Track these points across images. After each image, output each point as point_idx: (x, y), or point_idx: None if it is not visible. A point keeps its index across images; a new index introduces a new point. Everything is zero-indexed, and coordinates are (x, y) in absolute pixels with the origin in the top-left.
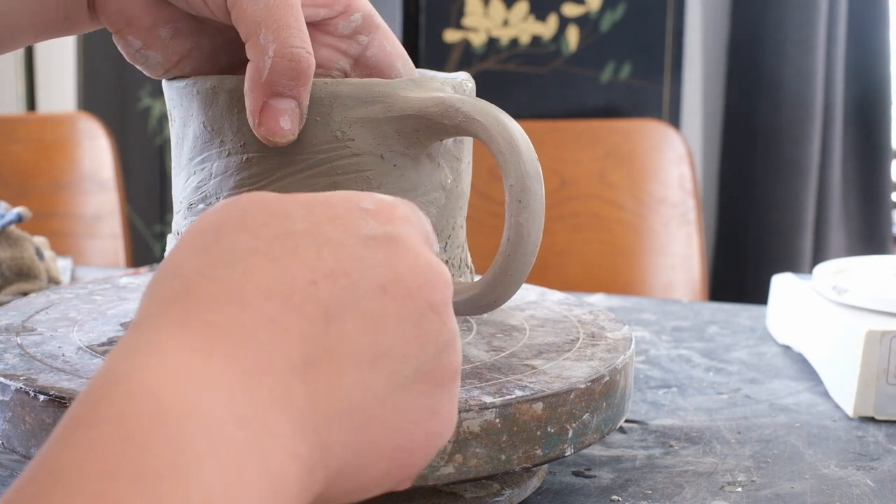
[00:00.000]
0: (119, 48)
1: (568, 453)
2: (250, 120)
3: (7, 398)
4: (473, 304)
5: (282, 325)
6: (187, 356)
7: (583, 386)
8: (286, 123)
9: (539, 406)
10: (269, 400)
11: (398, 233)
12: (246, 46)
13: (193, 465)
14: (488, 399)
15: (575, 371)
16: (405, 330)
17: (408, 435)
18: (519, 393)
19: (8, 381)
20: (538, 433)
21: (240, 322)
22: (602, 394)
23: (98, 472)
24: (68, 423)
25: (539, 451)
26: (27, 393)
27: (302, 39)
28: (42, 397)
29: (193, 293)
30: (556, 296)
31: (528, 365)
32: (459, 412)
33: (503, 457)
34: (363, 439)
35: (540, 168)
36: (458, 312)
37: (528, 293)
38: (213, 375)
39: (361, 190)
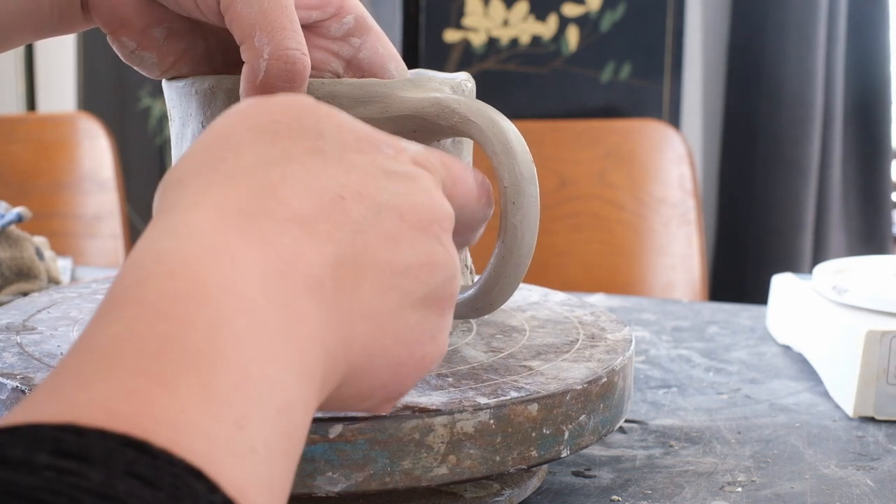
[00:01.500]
0: (114, 49)
1: (564, 455)
2: None
3: (4, 397)
4: (469, 307)
5: (314, 226)
6: (225, 237)
7: (579, 387)
8: None
9: (534, 407)
10: (303, 288)
11: (415, 173)
12: (241, 49)
13: (232, 342)
14: (483, 400)
15: (572, 372)
16: (419, 255)
17: (409, 352)
18: (514, 394)
19: (5, 380)
20: (533, 434)
21: (276, 215)
22: (599, 395)
23: (140, 348)
24: (108, 303)
25: (534, 453)
26: (23, 392)
27: (297, 41)
28: None
29: (230, 184)
30: (558, 297)
31: (525, 366)
32: (453, 413)
33: (497, 458)
34: (377, 346)
35: (535, 170)
36: (455, 316)
37: (530, 294)
38: (252, 257)
39: None
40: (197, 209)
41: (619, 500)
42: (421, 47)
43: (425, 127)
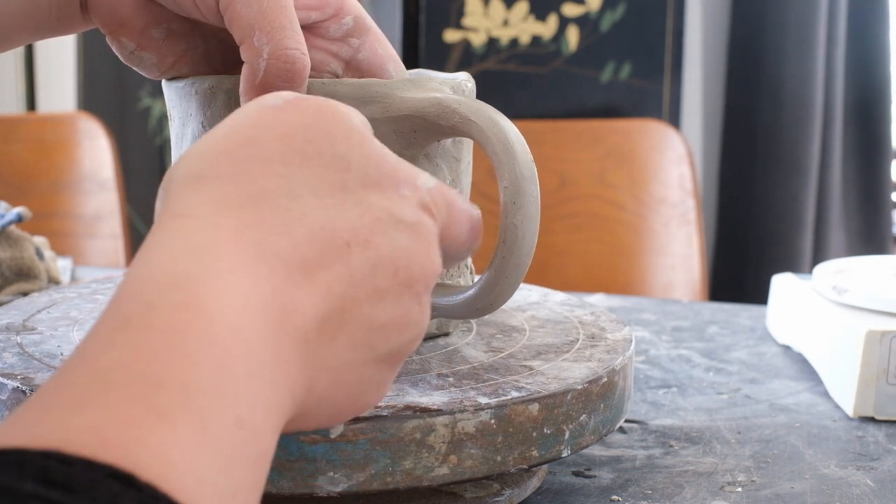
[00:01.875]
0: (114, 49)
1: (565, 454)
2: None
3: (4, 397)
4: (469, 308)
5: (315, 276)
6: (241, 275)
7: (580, 387)
8: None
9: (535, 407)
10: (293, 341)
11: (420, 223)
12: (241, 49)
13: (233, 387)
14: (483, 400)
15: (573, 372)
16: (397, 313)
17: (353, 402)
18: (515, 394)
19: (5, 381)
20: (534, 434)
21: (288, 258)
22: (600, 395)
23: (142, 377)
24: (114, 320)
25: (535, 453)
26: (24, 392)
27: (296, 41)
28: None
29: (249, 210)
30: (558, 297)
31: (525, 366)
32: (454, 413)
33: (498, 458)
34: (328, 395)
35: (535, 170)
36: (455, 316)
37: (530, 294)
38: (259, 303)
39: None
40: (218, 231)
41: (619, 500)
42: (421, 47)
43: (425, 127)
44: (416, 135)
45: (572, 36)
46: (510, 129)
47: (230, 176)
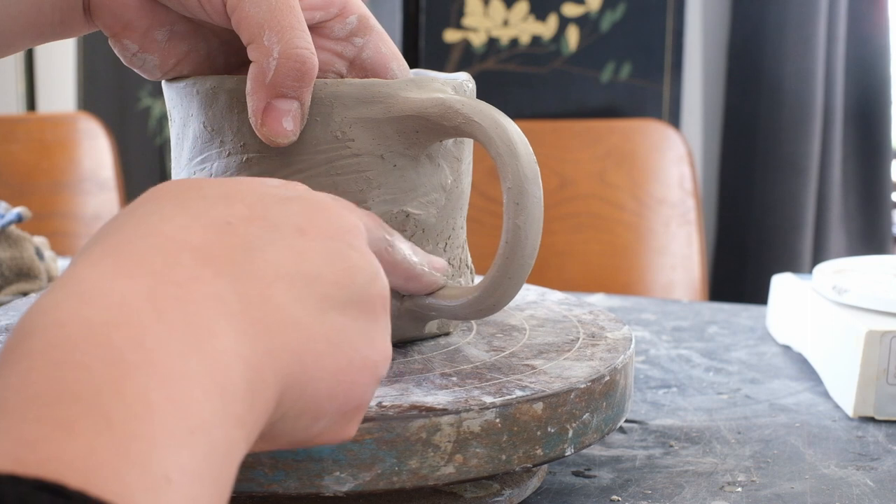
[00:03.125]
0: (115, 52)
1: (568, 453)
2: (252, 121)
3: None
4: (472, 309)
5: (204, 251)
6: (110, 280)
7: (583, 386)
8: (289, 124)
9: (539, 406)
10: (202, 306)
11: (308, 195)
12: (248, 49)
13: (129, 374)
14: (488, 399)
15: (575, 371)
16: (332, 262)
17: (347, 356)
18: (519, 393)
19: None
20: (538, 433)
21: (161, 249)
22: (602, 393)
23: (37, 396)
24: (1, 361)
25: (539, 451)
26: None
27: (306, 40)
28: None
29: (115, 234)
30: (555, 296)
31: (528, 365)
32: (459, 412)
33: (503, 457)
34: (308, 351)
35: (538, 171)
36: (458, 317)
37: (527, 293)
38: (140, 291)
39: (362, 190)
40: (77, 263)
41: (619, 500)
42: (421, 47)
43: (428, 127)
44: (418, 135)
45: (572, 36)
46: (513, 130)
47: (94, 239)
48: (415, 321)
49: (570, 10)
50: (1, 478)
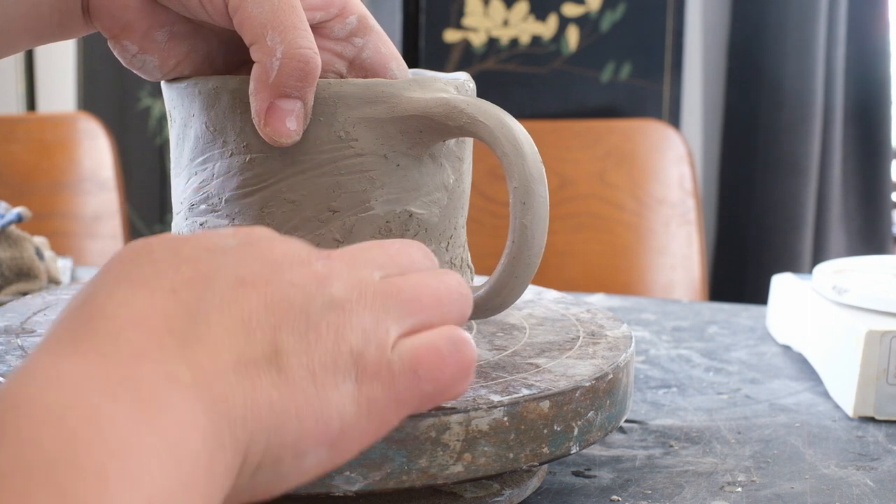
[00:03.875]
0: (115, 53)
1: (573, 451)
2: (256, 121)
3: None
4: (479, 309)
5: (147, 325)
6: (59, 362)
7: (588, 384)
8: (292, 124)
9: (546, 404)
10: (152, 382)
11: (255, 240)
12: (251, 49)
13: (83, 449)
14: (496, 398)
15: (579, 369)
16: (272, 305)
17: (303, 394)
18: (526, 391)
19: None
20: (545, 431)
21: (105, 329)
22: (606, 391)
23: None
24: None
25: (546, 450)
26: None
27: (309, 40)
28: None
29: (64, 320)
30: (552, 294)
31: (531, 363)
32: (468, 410)
33: (511, 455)
34: (260, 402)
35: (543, 170)
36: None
37: (524, 292)
38: (89, 371)
39: (365, 190)
40: (37, 349)
41: (619, 500)
42: (421, 47)
43: (432, 127)
44: (421, 135)
45: (572, 36)
46: (519, 130)
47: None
48: None
49: (570, 10)
50: None
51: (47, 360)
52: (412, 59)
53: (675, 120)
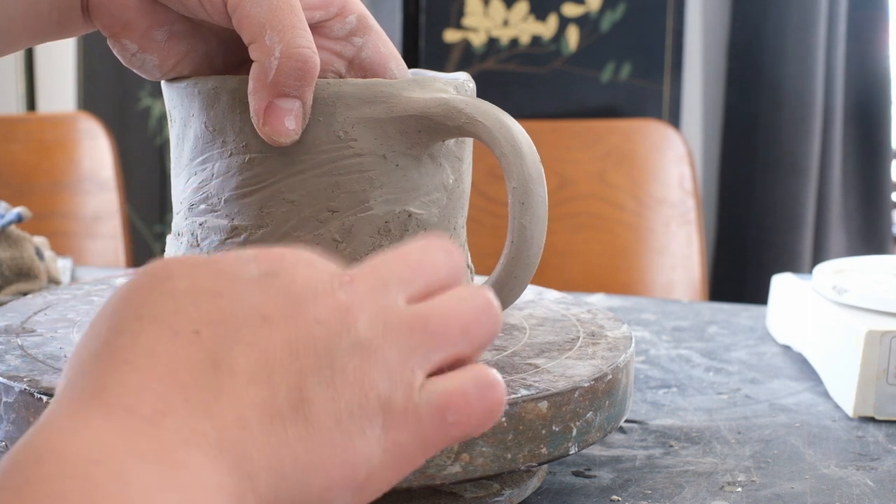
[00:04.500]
0: (114, 52)
1: (572, 452)
2: (255, 120)
3: (11, 400)
4: None
5: (173, 377)
6: (86, 414)
7: (587, 384)
8: (291, 123)
9: (544, 405)
10: (178, 440)
11: (278, 269)
12: (250, 48)
13: None
14: None
15: (578, 370)
16: (296, 347)
17: (329, 440)
18: (524, 392)
19: (11, 383)
20: (543, 432)
21: (131, 381)
22: (605, 392)
23: None
24: None
25: (544, 450)
26: (31, 394)
27: (307, 39)
28: (46, 398)
29: (85, 363)
30: (552, 294)
31: (531, 364)
32: None
33: (509, 455)
34: (286, 457)
35: (542, 170)
36: None
37: (525, 292)
38: (115, 427)
39: (364, 190)
40: (57, 399)
41: (619, 500)
42: (421, 47)
43: (431, 127)
44: (420, 135)
45: (572, 36)
46: (518, 130)
47: (75, 360)
48: None
49: (570, 10)
50: None
51: (74, 409)
52: (412, 59)
53: (675, 120)
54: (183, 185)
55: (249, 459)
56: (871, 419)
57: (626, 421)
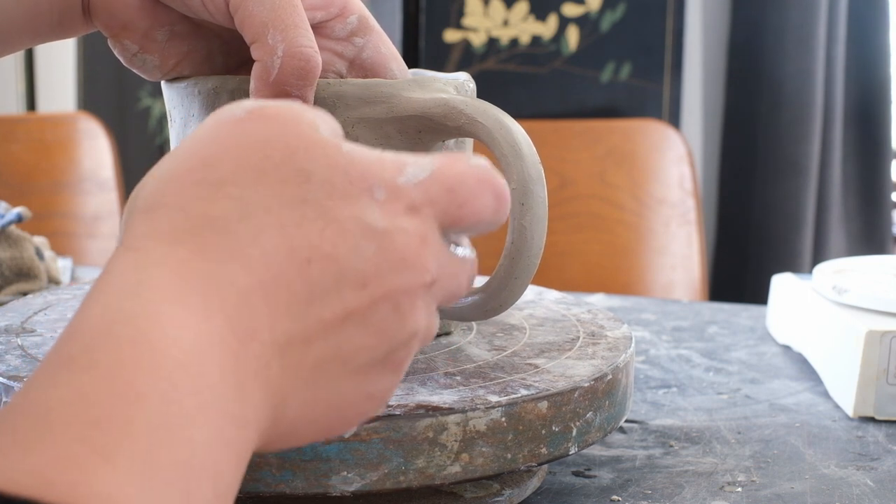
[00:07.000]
0: (115, 52)
1: (572, 452)
2: None
3: (10, 399)
4: (478, 309)
5: (274, 297)
6: (185, 311)
7: (587, 384)
8: None
9: (544, 405)
10: (252, 370)
11: (396, 228)
12: (252, 48)
13: (182, 421)
14: (494, 398)
15: (578, 370)
16: (372, 323)
17: (341, 416)
18: (524, 392)
19: (11, 383)
20: (543, 432)
21: (239, 285)
22: (605, 392)
23: (87, 417)
24: (59, 360)
25: (544, 450)
26: None
27: (309, 39)
28: None
29: (198, 238)
30: (553, 295)
31: (531, 364)
32: (465, 411)
33: (509, 455)
34: (305, 416)
35: (542, 171)
36: (464, 318)
37: (525, 292)
38: (210, 335)
39: None
40: (164, 265)
41: (619, 500)
42: (421, 47)
43: (431, 127)
44: (420, 135)
45: (572, 36)
46: (517, 131)
47: (180, 204)
48: None
49: (570, 10)
50: (21, 502)
51: (169, 293)
52: (412, 59)
53: (675, 120)
54: None
55: (284, 408)
56: (871, 419)
57: (626, 421)
